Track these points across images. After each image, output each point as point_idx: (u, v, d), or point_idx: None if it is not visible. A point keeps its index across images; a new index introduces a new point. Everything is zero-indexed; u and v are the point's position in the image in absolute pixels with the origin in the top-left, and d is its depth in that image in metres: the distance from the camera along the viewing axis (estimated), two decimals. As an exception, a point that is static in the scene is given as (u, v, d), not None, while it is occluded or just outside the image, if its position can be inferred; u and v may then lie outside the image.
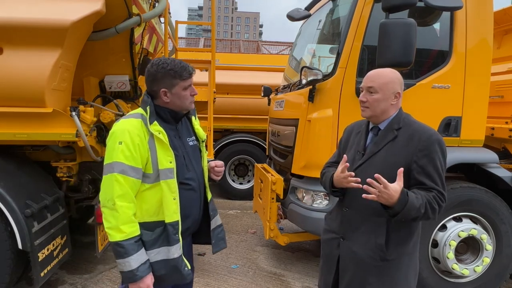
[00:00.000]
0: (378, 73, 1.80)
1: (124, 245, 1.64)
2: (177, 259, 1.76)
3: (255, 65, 7.28)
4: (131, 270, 1.65)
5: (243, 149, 6.90)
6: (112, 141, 1.71)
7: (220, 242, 2.08)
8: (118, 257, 1.66)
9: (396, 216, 1.61)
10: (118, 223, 1.64)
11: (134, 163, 1.68)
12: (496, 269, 3.29)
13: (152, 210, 1.76)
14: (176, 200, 1.75)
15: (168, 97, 1.79)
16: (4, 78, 2.70)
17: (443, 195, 1.69)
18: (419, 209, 1.60)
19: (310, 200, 3.33)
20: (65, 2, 2.83)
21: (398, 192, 1.56)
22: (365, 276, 1.78)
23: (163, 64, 1.75)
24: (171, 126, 1.85)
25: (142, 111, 1.78)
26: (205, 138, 2.07)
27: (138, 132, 1.71)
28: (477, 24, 3.25)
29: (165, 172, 1.73)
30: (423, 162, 1.68)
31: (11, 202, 2.70)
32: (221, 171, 2.10)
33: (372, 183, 1.57)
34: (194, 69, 1.83)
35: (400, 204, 1.57)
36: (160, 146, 1.73)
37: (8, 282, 2.81)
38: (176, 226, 1.75)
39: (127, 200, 1.67)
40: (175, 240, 1.75)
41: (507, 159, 3.86)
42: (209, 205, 2.03)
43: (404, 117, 1.82)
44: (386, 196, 1.55)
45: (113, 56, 3.47)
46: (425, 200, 1.63)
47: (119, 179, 1.65)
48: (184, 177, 1.83)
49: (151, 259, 1.74)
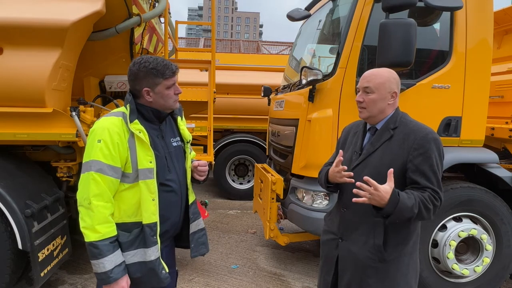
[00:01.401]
0: (374, 73, 1.80)
1: (99, 246, 1.60)
2: (154, 261, 1.72)
3: (255, 65, 7.30)
4: (105, 271, 1.61)
5: (243, 149, 6.90)
6: (91, 139, 1.67)
7: (200, 246, 2.00)
8: (92, 257, 1.62)
9: (389, 217, 1.60)
10: (93, 222, 1.60)
11: (113, 162, 1.64)
12: (496, 269, 3.28)
13: (130, 211, 1.71)
14: (155, 201, 1.71)
15: (151, 96, 1.74)
16: (4, 78, 2.70)
17: (438, 194, 1.67)
18: (412, 209, 1.59)
19: (310, 200, 3.33)
20: (65, 2, 2.83)
21: (389, 193, 1.55)
22: (364, 277, 1.78)
23: (145, 62, 1.71)
24: (154, 125, 1.81)
25: (124, 110, 1.74)
26: (190, 139, 2.01)
27: (118, 130, 1.67)
28: (477, 24, 3.25)
29: (145, 172, 1.68)
30: (418, 161, 1.67)
31: (11, 202, 2.70)
32: (205, 170, 2.00)
33: (362, 186, 1.57)
34: (177, 67, 1.78)
35: (391, 204, 1.55)
36: (140, 145, 1.69)
37: (8, 282, 2.81)
38: (154, 227, 1.71)
39: (103, 200, 1.63)
40: (152, 242, 1.71)
41: (507, 159, 3.86)
42: (190, 208, 1.96)
43: (401, 116, 1.81)
44: (378, 198, 1.55)
45: (113, 56, 3.47)
46: (418, 200, 1.61)
47: (96, 178, 1.61)
48: (165, 178, 1.78)
49: (127, 261, 1.69)
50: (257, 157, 6.76)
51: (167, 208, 1.79)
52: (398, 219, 1.62)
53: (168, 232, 1.87)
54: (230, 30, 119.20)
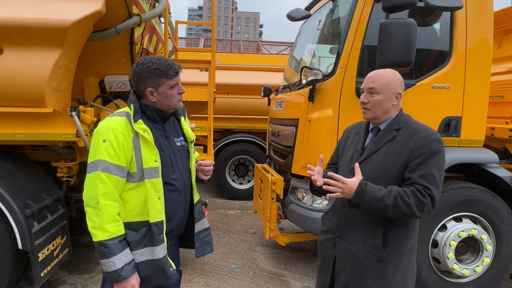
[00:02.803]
0: (379, 74, 1.80)
1: (108, 245, 1.61)
2: (162, 259, 1.74)
3: (255, 65, 7.29)
4: (116, 270, 1.62)
5: (243, 149, 6.90)
6: (96, 139, 1.68)
7: (205, 246, 2.02)
8: (102, 257, 1.63)
9: (359, 207, 1.67)
10: (102, 222, 1.61)
11: (118, 161, 1.65)
12: (496, 269, 3.28)
13: (136, 210, 1.73)
14: (161, 199, 1.72)
15: (154, 96, 1.76)
16: (4, 78, 2.70)
17: (430, 190, 1.62)
18: (381, 200, 1.62)
19: (310, 200, 3.33)
20: (65, 2, 2.83)
21: (356, 185, 1.64)
22: (362, 277, 1.77)
23: (148, 63, 1.72)
24: (157, 125, 1.83)
25: (128, 110, 1.75)
26: (194, 139, 2.02)
27: (123, 130, 1.68)
28: (477, 24, 3.25)
29: (150, 171, 1.70)
30: (419, 160, 1.67)
31: (11, 202, 2.70)
32: (209, 170, 2.01)
33: (329, 182, 1.67)
34: (180, 67, 1.80)
35: (357, 195, 1.63)
36: (144, 144, 1.70)
37: (8, 282, 2.81)
38: (160, 226, 1.73)
39: (111, 199, 1.64)
40: (159, 240, 1.73)
41: (507, 159, 3.87)
42: (194, 208, 1.98)
43: (404, 118, 1.81)
44: (347, 190, 1.64)
45: (113, 56, 3.47)
46: (394, 193, 1.62)
47: (102, 177, 1.63)
48: (169, 177, 1.80)
49: (136, 259, 1.71)
50: (257, 157, 6.76)
51: (171, 207, 1.81)
52: (370, 210, 1.67)
53: (173, 231, 1.88)
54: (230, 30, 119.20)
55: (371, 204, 1.64)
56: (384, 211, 1.64)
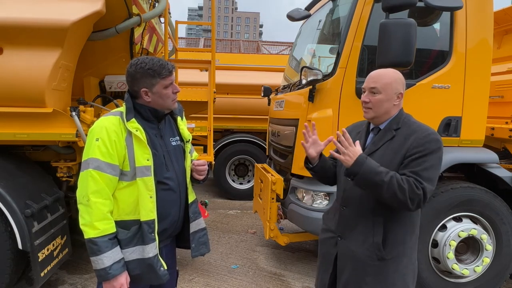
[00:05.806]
0: (381, 73, 1.80)
1: (98, 242, 1.62)
2: (152, 258, 1.74)
3: (255, 65, 7.29)
4: (104, 268, 1.63)
5: (243, 149, 6.90)
6: (90, 138, 1.71)
7: (201, 246, 2.01)
8: (92, 254, 1.64)
9: (355, 176, 1.65)
10: (92, 219, 1.62)
11: (110, 159, 1.67)
12: (496, 269, 3.28)
13: (129, 209, 1.73)
14: (152, 198, 1.73)
15: (149, 96, 1.77)
16: (4, 78, 2.70)
17: (422, 184, 1.61)
18: (379, 174, 1.61)
19: (310, 200, 3.33)
20: (65, 2, 2.83)
21: (358, 153, 1.65)
22: (362, 275, 1.78)
23: (141, 63, 1.73)
24: (152, 124, 1.83)
25: (123, 109, 1.77)
26: (190, 138, 2.03)
27: (115, 128, 1.70)
28: (477, 24, 3.25)
29: (142, 169, 1.71)
30: (414, 157, 1.67)
31: (11, 202, 2.70)
32: (203, 170, 2.00)
33: (340, 136, 1.67)
34: (174, 66, 1.81)
35: (357, 163, 1.63)
36: (137, 143, 1.71)
37: (8, 282, 2.81)
38: (152, 224, 1.73)
39: (102, 197, 1.65)
40: (150, 239, 1.73)
41: (507, 159, 3.87)
42: (190, 207, 1.97)
43: (404, 117, 1.81)
44: (350, 153, 1.65)
45: (113, 56, 3.47)
46: (392, 174, 1.62)
47: (94, 175, 1.64)
48: (163, 176, 1.80)
49: (126, 258, 1.71)
50: (257, 157, 6.76)
51: (165, 206, 1.81)
52: (365, 183, 1.65)
53: (167, 230, 1.88)
54: (230, 30, 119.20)
55: (368, 176, 1.62)
56: (379, 186, 1.62)
